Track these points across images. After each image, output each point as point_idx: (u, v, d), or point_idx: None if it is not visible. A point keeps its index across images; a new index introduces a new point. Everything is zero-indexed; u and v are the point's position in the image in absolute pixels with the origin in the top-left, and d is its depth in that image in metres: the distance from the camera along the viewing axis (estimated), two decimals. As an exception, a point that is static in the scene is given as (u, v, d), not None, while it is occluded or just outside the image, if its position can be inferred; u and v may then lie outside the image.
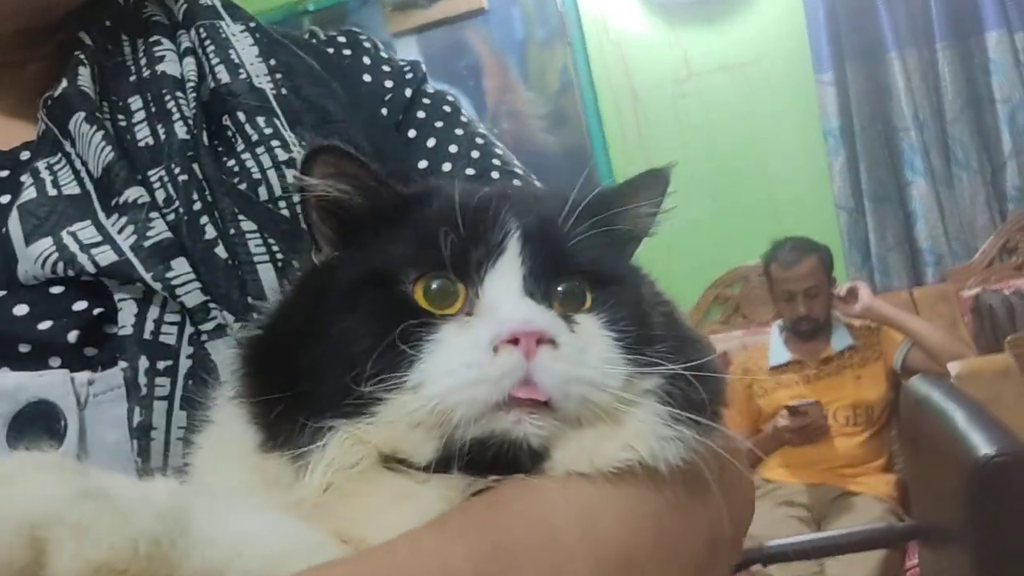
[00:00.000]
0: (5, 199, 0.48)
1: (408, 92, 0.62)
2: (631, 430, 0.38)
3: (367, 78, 0.62)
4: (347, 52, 0.64)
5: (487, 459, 0.36)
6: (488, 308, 0.37)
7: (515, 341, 0.35)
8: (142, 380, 0.44)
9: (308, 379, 0.36)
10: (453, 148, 0.60)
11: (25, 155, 0.51)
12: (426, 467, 0.37)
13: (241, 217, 0.48)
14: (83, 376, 0.44)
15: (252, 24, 0.58)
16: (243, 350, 0.40)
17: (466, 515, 0.36)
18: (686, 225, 3.04)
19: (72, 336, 0.45)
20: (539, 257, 0.39)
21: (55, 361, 0.45)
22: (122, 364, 0.44)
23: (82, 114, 0.49)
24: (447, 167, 0.59)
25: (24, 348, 0.44)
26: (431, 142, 0.60)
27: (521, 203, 0.41)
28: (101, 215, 0.47)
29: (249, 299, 0.46)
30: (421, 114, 0.61)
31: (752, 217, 2.98)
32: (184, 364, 0.45)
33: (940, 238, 2.82)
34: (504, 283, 0.38)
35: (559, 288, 0.39)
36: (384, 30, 3.23)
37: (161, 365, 0.44)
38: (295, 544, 0.34)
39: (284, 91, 0.55)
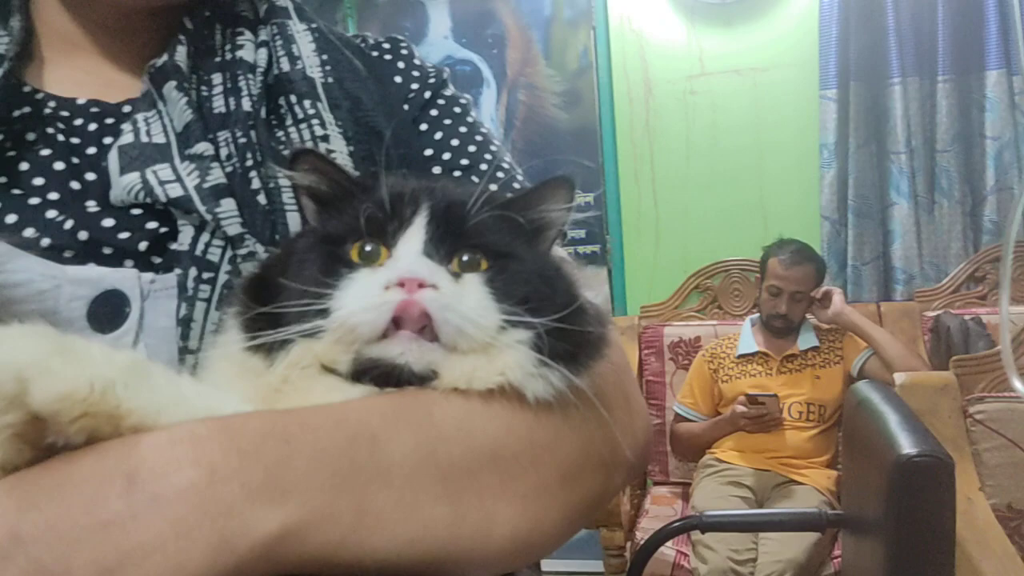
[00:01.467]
0: (108, 140, 0.60)
1: (428, 93, 0.74)
2: (503, 363, 0.48)
3: (398, 79, 0.74)
4: (387, 57, 0.76)
5: (390, 378, 0.47)
6: (392, 262, 0.48)
7: (402, 284, 0.46)
8: (190, 285, 0.56)
9: (280, 303, 0.48)
10: (455, 142, 0.71)
11: (126, 108, 0.63)
12: (351, 377, 0.48)
13: (280, 175, 0.61)
14: (148, 276, 0.56)
15: (313, 25, 0.71)
16: (245, 280, 0.53)
17: (365, 399, 0.47)
18: (679, 214, 3.21)
19: (142, 246, 0.57)
20: (440, 230, 0.50)
21: (129, 263, 0.56)
22: (177, 271, 0.56)
23: (174, 83, 0.61)
24: (447, 156, 0.70)
25: (107, 251, 0.56)
26: (438, 135, 0.72)
27: (438, 193, 0.52)
28: (177, 160, 0.58)
29: (276, 237, 0.59)
30: (434, 112, 0.74)
31: (742, 215, 3.13)
32: (222, 277, 0.56)
33: (914, 259, 2.97)
34: (408, 246, 0.49)
35: (464, 257, 0.50)
36: (418, -10, 3.34)
37: (205, 276, 0.56)
38: (223, 407, 0.45)
39: (330, 80, 0.67)
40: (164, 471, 0.39)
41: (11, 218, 0.56)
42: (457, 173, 0.69)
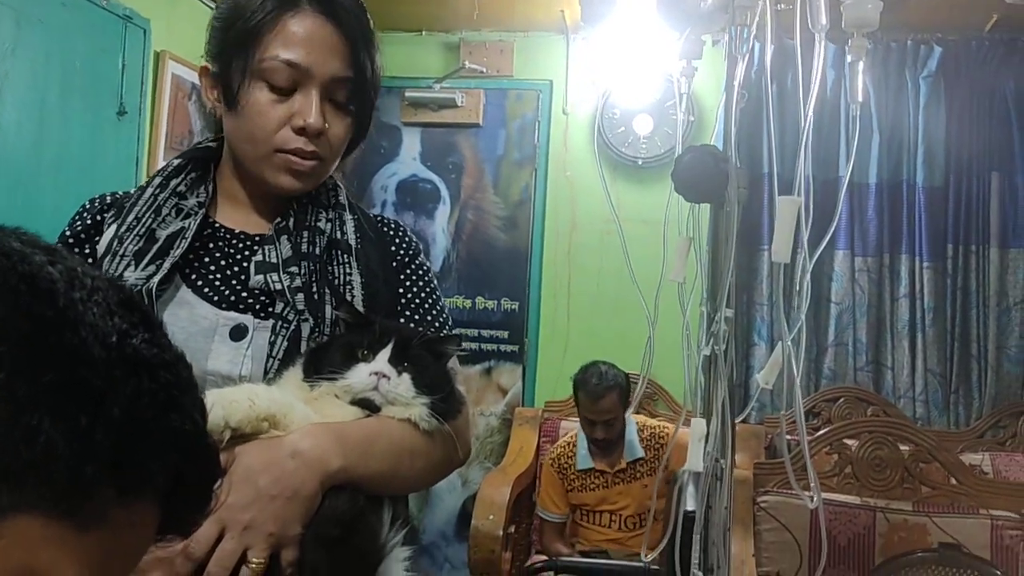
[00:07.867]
0: (246, 254, 1.15)
1: (408, 259, 1.23)
2: (413, 411, 1.00)
3: (392, 248, 1.22)
4: (391, 233, 1.24)
5: (367, 406, 1.00)
6: (375, 363, 1.00)
7: (376, 374, 0.98)
8: (277, 327, 1.06)
9: (324, 362, 1.00)
10: (422, 295, 1.21)
11: (257, 238, 1.13)
12: (351, 404, 0.99)
13: (327, 293, 1.09)
14: (258, 321, 1.07)
15: (356, 215, 1.19)
16: (309, 349, 1.05)
17: (372, 419, 0.99)
18: (586, 329, 3.86)
19: (258, 307, 1.08)
20: (397, 351, 1.00)
21: (250, 314, 1.07)
22: (271, 321, 1.06)
23: (285, 235, 1.14)
24: (413, 304, 1.20)
25: (242, 307, 1.06)
26: (412, 287, 1.21)
27: (402, 331, 1.05)
28: (281, 273, 1.11)
29: (319, 315, 1.13)
30: (410, 271, 1.22)
31: (637, 338, 3.77)
32: (292, 328, 1.09)
33: (766, 392, 3.64)
34: (382, 356, 1.00)
35: (404, 365, 1.00)
36: (398, 117, 3.99)
37: (283, 325, 1.06)
38: (303, 411, 1.01)
39: (359, 246, 1.15)
40: (303, 446, 0.94)
41: (199, 283, 1.14)
42: (416, 315, 1.21)
